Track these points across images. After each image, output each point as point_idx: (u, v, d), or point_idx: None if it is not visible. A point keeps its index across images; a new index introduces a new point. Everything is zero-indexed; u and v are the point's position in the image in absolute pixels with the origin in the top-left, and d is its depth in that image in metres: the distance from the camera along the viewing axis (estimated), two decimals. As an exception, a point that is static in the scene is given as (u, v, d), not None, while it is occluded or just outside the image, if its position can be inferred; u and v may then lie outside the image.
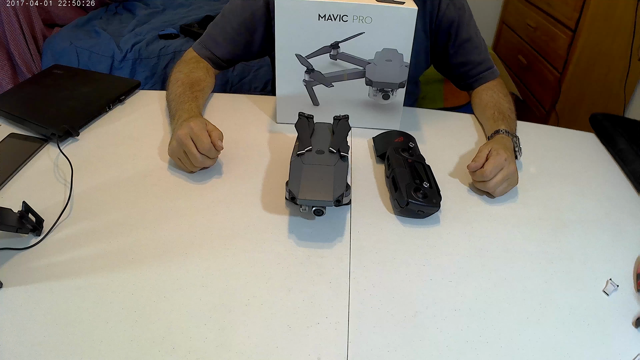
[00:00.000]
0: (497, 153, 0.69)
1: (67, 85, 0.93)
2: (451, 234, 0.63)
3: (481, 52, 0.91)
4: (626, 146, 0.82)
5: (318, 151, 0.65)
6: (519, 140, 0.79)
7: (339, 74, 0.79)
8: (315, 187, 0.59)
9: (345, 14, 0.73)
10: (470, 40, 0.89)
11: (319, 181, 0.60)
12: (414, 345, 0.49)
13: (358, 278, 0.56)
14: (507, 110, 0.85)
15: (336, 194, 0.58)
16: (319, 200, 0.58)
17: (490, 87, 0.91)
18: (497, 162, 0.68)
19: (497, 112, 0.84)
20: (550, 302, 0.55)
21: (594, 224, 0.67)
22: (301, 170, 0.61)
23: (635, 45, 1.65)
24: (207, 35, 0.91)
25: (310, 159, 0.63)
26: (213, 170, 0.73)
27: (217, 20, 0.90)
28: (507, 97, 0.89)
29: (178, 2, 2.27)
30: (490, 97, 0.88)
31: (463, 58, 0.91)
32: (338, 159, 0.63)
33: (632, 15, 1.61)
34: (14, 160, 0.72)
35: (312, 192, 0.58)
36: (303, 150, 0.64)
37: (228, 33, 0.89)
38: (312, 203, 0.58)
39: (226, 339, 0.48)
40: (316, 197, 0.58)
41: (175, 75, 0.86)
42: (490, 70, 0.92)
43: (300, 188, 0.58)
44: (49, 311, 0.50)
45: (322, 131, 0.70)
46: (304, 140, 0.67)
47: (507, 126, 0.80)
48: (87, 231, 0.61)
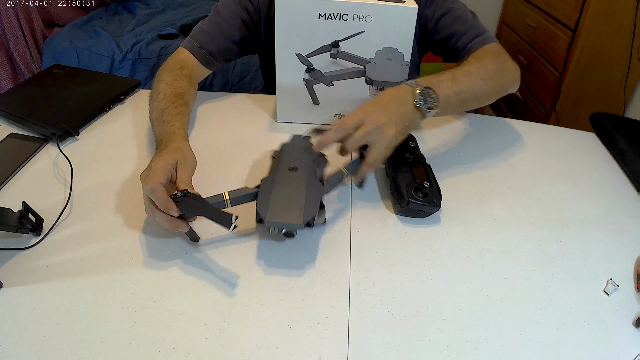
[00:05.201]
0: (358, 113, 0.60)
1: (67, 85, 0.93)
2: (451, 233, 0.63)
3: (466, 21, 0.82)
4: (626, 146, 0.82)
5: (291, 168, 0.60)
6: (430, 92, 0.64)
7: (339, 72, 0.79)
8: (285, 208, 0.54)
9: (346, 13, 0.73)
10: (450, 12, 0.83)
11: (289, 202, 0.55)
12: (414, 345, 0.49)
13: (358, 278, 0.56)
14: (460, 69, 0.70)
15: (307, 216, 0.53)
16: (287, 223, 0.53)
17: (477, 56, 0.76)
18: (343, 121, 0.59)
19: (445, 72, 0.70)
20: (551, 302, 0.54)
21: (594, 224, 0.67)
22: (271, 189, 0.57)
23: (635, 45, 1.65)
24: (199, 29, 0.88)
25: (282, 177, 0.59)
26: (213, 171, 0.73)
27: (210, 16, 0.88)
28: (486, 61, 0.74)
29: (178, 2, 2.28)
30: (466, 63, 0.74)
31: (445, 32, 0.83)
32: (313, 177, 0.59)
33: (632, 15, 1.61)
34: (14, 160, 0.72)
35: (281, 214, 0.54)
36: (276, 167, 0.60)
37: (222, 26, 0.87)
38: (279, 225, 0.54)
39: (226, 339, 0.48)
40: (284, 219, 0.53)
41: (158, 86, 0.79)
42: (478, 37, 0.81)
43: (268, 209, 0.54)
44: (49, 311, 0.50)
45: (300, 145, 0.65)
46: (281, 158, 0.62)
47: (431, 79, 0.66)
48: (87, 231, 0.61)
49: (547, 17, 1.89)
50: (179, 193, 0.54)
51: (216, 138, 0.81)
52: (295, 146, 0.65)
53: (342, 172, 0.62)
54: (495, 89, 0.75)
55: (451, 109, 0.70)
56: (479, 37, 0.81)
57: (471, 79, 0.71)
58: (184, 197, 0.53)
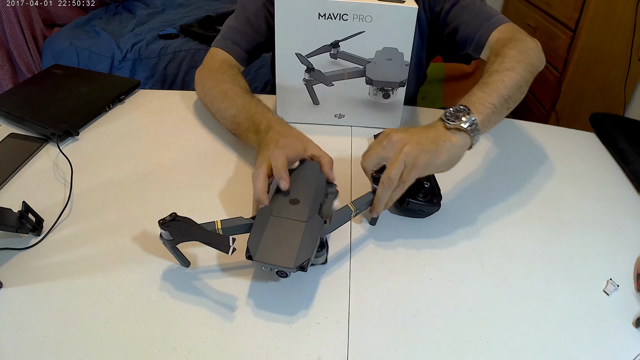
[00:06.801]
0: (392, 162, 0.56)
1: (67, 85, 0.93)
2: (451, 233, 0.63)
3: (474, 9, 0.81)
4: (626, 146, 0.82)
5: (292, 200, 0.55)
6: (465, 110, 0.59)
7: (339, 72, 0.79)
8: (278, 247, 0.50)
9: (346, 13, 0.72)
10: (458, 2, 0.83)
11: (283, 240, 0.50)
12: (414, 345, 0.49)
13: (358, 278, 0.56)
14: (494, 72, 0.66)
15: (299, 259, 0.48)
16: (276, 265, 0.49)
17: (496, 52, 0.72)
18: (379, 189, 0.56)
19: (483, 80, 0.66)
20: (551, 302, 0.54)
21: (594, 224, 0.67)
22: (266, 224, 0.52)
23: (635, 45, 1.65)
24: (229, 28, 0.87)
25: (281, 210, 0.54)
26: (214, 170, 0.73)
27: (236, 12, 0.88)
28: (506, 50, 0.70)
29: (178, 2, 2.27)
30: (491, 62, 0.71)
31: (455, 23, 0.83)
32: (315, 213, 0.54)
33: (632, 15, 1.61)
34: (13, 160, 0.72)
35: (272, 253, 0.49)
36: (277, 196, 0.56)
37: (251, 21, 0.86)
38: (270, 266, 0.49)
39: (226, 339, 0.48)
40: (275, 260, 0.48)
41: (218, 88, 0.78)
42: (488, 22, 0.79)
43: (259, 246, 0.49)
44: (49, 311, 0.50)
45: (306, 173, 0.60)
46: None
47: (468, 100, 0.61)
48: (87, 231, 0.61)
49: (547, 17, 1.89)
50: (168, 217, 0.50)
51: (216, 138, 0.81)
52: (303, 172, 0.61)
53: (350, 209, 0.57)
54: (525, 70, 0.69)
55: (496, 119, 0.64)
56: (490, 21, 0.79)
57: (505, 78, 0.65)
58: (173, 222, 0.50)
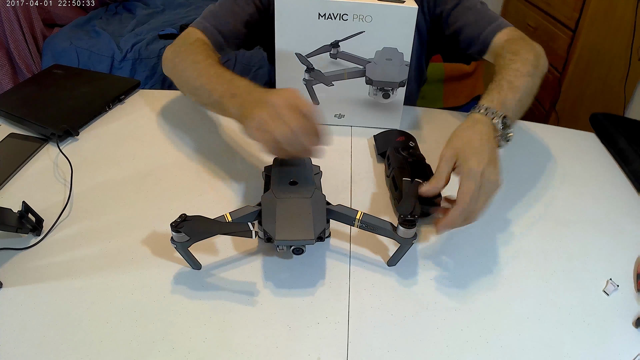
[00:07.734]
0: (467, 177, 0.54)
1: (67, 85, 0.93)
2: (451, 233, 0.63)
3: (477, 11, 0.82)
4: (626, 146, 0.82)
5: (291, 182, 0.56)
6: (506, 120, 0.61)
7: (339, 73, 0.79)
8: (293, 224, 0.51)
9: (346, 13, 0.72)
10: (461, 2, 0.83)
11: (296, 217, 0.52)
12: (414, 345, 0.49)
13: (358, 278, 0.56)
14: (511, 70, 0.68)
15: (317, 230, 0.51)
16: (299, 240, 0.50)
17: (513, 51, 0.73)
18: (464, 201, 0.53)
19: (497, 79, 0.68)
20: (550, 302, 0.54)
21: (594, 224, 0.67)
22: (275, 206, 0.53)
23: (635, 45, 1.65)
24: (209, 12, 0.85)
25: (283, 192, 0.55)
26: (214, 170, 0.73)
27: (219, 1, 0.85)
28: (524, 52, 0.72)
29: (178, 2, 2.27)
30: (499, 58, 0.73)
31: (457, 25, 0.83)
32: (314, 189, 0.55)
33: (632, 15, 1.61)
34: (13, 160, 0.72)
35: (290, 231, 0.50)
36: (276, 182, 0.56)
37: (234, 9, 0.84)
38: (291, 243, 0.51)
39: (226, 339, 0.48)
40: (295, 236, 0.50)
41: (190, 58, 0.74)
42: (492, 24, 0.80)
43: (276, 227, 0.51)
44: (49, 311, 0.50)
45: (290, 161, 0.62)
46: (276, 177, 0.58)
47: (495, 97, 0.64)
48: (87, 231, 0.61)
49: (547, 17, 1.89)
50: (179, 218, 0.51)
51: (216, 138, 0.81)
52: (285, 162, 0.62)
53: (358, 212, 0.56)
54: (539, 77, 0.74)
55: (516, 118, 0.67)
56: (493, 24, 0.80)
57: (523, 79, 0.69)
58: (185, 222, 0.50)
